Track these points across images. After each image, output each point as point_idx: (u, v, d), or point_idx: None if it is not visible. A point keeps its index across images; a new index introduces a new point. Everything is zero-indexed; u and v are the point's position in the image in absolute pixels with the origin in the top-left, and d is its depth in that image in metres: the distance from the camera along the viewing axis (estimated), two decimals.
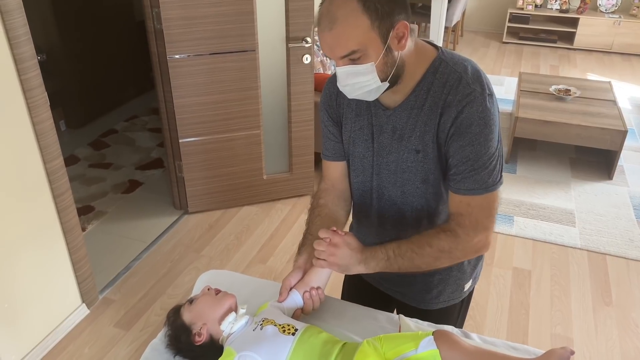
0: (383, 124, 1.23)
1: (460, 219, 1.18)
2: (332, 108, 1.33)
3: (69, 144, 4.06)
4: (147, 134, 4.28)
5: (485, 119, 1.11)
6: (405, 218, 1.31)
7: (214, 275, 1.47)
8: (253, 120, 3.07)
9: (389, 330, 1.27)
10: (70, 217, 2.33)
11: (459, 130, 1.13)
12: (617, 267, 2.86)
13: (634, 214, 3.29)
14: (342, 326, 1.27)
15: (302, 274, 1.29)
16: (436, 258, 1.19)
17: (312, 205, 1.40)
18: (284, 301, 1.24)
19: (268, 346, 1.09)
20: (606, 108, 3.83)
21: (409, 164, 1.22)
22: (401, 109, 1.20)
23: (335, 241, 1.19)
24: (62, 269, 2.36)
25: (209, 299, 1.21)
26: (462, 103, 1.12)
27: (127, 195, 3.46)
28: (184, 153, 3.04)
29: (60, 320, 2.39)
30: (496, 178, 1.16)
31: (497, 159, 1.16)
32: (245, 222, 3.19)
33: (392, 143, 1.23)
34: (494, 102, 1.14)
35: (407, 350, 1.07)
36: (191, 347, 1.17)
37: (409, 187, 1.26)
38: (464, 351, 1.06)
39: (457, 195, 1.18)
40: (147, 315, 2.52)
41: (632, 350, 2.36)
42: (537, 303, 2.61)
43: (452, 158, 1.16)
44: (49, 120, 2.14)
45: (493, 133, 1.13)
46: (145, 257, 2.91)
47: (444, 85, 1.14)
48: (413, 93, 1.17)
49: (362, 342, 1.12)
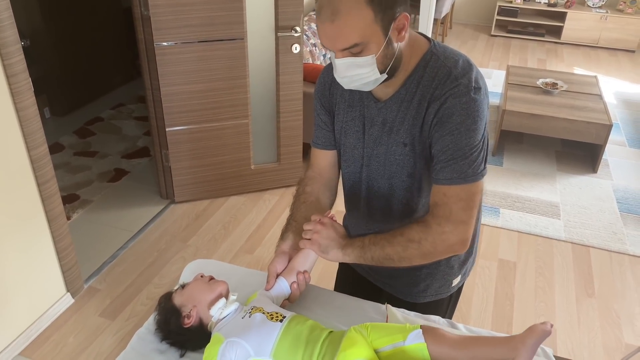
0: (374, 116, 1.23)
1: (435, 209, 1.15)
2: (325, 97, 1.33)
3: (54, 131, 4.00)
4: (133, 122, 4.23)
5: (469, 110, 1.09)
6: (392, 210, 1.31)
7: (201, 265, 1.46)
8: (241, 109, 3.05)
9: (377, 320, 1.28)
10: (54, 206, 2.30)
11: (440, 120, 1.12)
12: (600, 259, 2.90)
13: (617, 207, 3.34)
14: (329, 316, 1.27)
15: (287, 259, 1.30)
16: (405, 247, 1.14)
17: (298, 192, 1.39)
18: (271, 289, 1.24)
19: (256, 333, 1.09)
20: (592, 102, 3.87)
21: (397, 157, 1.22)
22: (392, 101, 1.19)
23: (324, 220, 1.20)
24: (47, 258, 2.33)
25: (201, 284, 1.21)
26: (447, 95, 1.11)
27: (113, 184, 3.43)
28: (171, 142, 3.02)
29: (44, 310, 2.37)
30: (477, 169, 1.12)
31: (480, 151, 1.12)
32: (233, 212, 3.17)
33: (382, 135, 1.23)
34: (481, 96, 1.11)
35: (395, 341, 1.08)
36: (180, 330, 1.18)
37: (396, 180, 1.26)
38: (450, 342, 1.07)
39: (436, 185, 1.16)
40: (133, 305, 2.50)
41: (614, 341, 2.40)
42: (522, 294, 2.64)
43: (434, 149, 1.15)
44: (33, 106, 2.11)
45: (476, 124, 1.10)
46: (131, 247, 2.88)
47: (432, 79, 1.13)
48: (404, 86, 1.17)
49: (348, 329, 1.13)
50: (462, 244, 1.15)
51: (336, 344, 1.08)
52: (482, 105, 1.12)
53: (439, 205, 1.14)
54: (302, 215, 1.31)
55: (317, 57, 3.83)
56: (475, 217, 1.16)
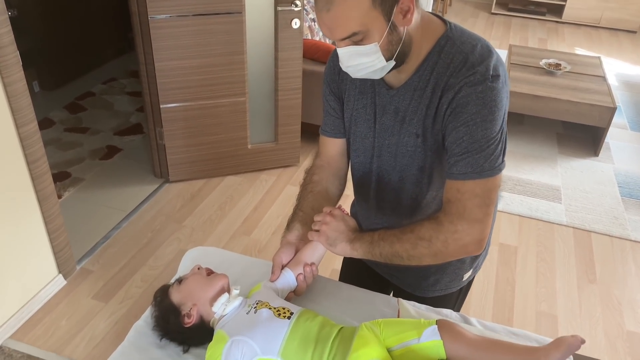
0: (386, 104, 1.15)
1: (447, 206, 1.06)
2: (334, 82, 1.24)
3: (43, 106, 3.88)
4: (125, 97, 4.11)
5: (485, 99, 1.01)
6: (402, 205, 1.25)
7: (200, 253, 1.39)
8: (238, 86, 2.95)
9: (386, 313, 1.22)
10: (45, 185, 2.21)
11: (454, 110, 1.03)
12: (601, 245, 2.87)
13: (618, 192, 3.30)
14: (337, 309, 1.22)
15: (293, 250, 1.23)
16: (414, 245, 1.07)
17: (305, 181, 1.32)
18: (276, 280, 1.18)
19: (263, 331, 1.03)
20: (595, 84, 3.80)
21: (408, 149, 1.15)
22: (404, 89, 1.11)
23: (334, 212, 1.14)
24: (37, 239, 2.26)
25: (199, 278, 1.14)
26: (461, 84, 1.02)
27: (105, 161, 3.33)
28: (165, 119, 2.92)
29: (35, 292, 2.30)
30: (494, 163, 1.03)
31: (498, 143, 1.03)
32: (229, 192, 3.10)
33: (395, 125, 1.15)
34: (500, 84, 1.02)
35: (409, 339, 1.02)
36: (180, 329, 1.11)
37: (407, 173, 1.19)
38: (469, 342, 1.01)
39: (449, 181, 1.07)
40: (127, 287, 2.44)
41: (615, 327, 2.37)
42: (523, 280, 2.61)
43: (447, 141, 1.07)
44: (22, 81, 2.00)
45: (493, 114, 1.01)
46: (124, 227, 2.81)
47: (447, 66, 1.04)
48: (417, 73, 1.08)
49: (360, 326, 1.07)
50: (477, 244, 1.06)
51: (347, 342, 1.02)
52: (500, 94, 1.02)
53: (452, 202, 1.06)
54: (309, 205, 1.24)
55: (316, 33, 3.71)
56: (492, 215, 1.07)
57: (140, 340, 1.13)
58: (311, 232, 1.17)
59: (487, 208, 1.04)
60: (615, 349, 2.27)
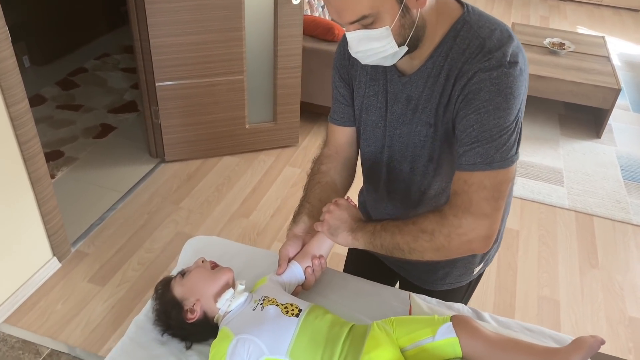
0: (398, 91, 1.08)
1: (453, 199, 0.99)
2: (344, 68, 1.17)
3: (34, 82, 3.76)
4: (119, 74, 4.00)
5: (500, 85, 0.93)
6: (411, 197, 1.19)
7: (202, 242, 1.34)
8: (236, 64, 2.86)
9: (396, 308, 1.18)
10: (38, 167, 2.14)
11: (466, 97, 0.96)
12: (603, 229, 2.84)
13: (621, 175, 3.26)
14: (346, 303, 1.17)
15: (300, 243, 1.18)
16: (415, 238, 1.01)
17: (313, 171, 1.26)
18: (283, 273, 1.13)
19: (270, 329, 0.98)
20: (599, 64, 3.73)
21: (421, 139, 1.09)
22: (417, 76, 1.04)
23: (339, 201, 1.09)
24: (31, 221, 2.19)
25: (203, 272, 1.08)
26: (475, 69, 0.95)
27: (99, 140, 3.25)
28: (161, 98, 2.83)
29: (29, 275, 2.25)
30: (506, 154, 0.95)
31: (511, 133, 0.96)
32: (226, 173, 3.03)
33: (406, 114, 1.09)
34: (517, 71, 0.95)
35: (423, 337, 0.98)
36: (182, 324, 1.06)
37: (420, 164, 1.13)
38: (485, 339, 0.97)
39: (457, 172, 1.00)
40: (124, 270, 2.39)
41: (617, 313, 2.36)
42: (525, 264, 2.58)
43: (457, 130, 1.00)
44: (11, 58, 1.92)
45: (508, 102, 0.94)
46: (119, 208, 2.75)
47: (463, 52, 0.97)
48: (430, 59, 1.02)
49: (371, 325, 1.03)
50: (483, 241, 0.98)
51: (358, 343, 0.98)
52: (517, 82, 0.95)
53: (458, 194, 0.98)
54: (317, 197, 1.19)
55: (316, 9, 3.60)
56: (503, 209, 0.99)
57: (141, 337, 1.08)
58: (317, 223, 1.12)
59: (495, 202, 0.96)
60: (617, 335, 2.25)
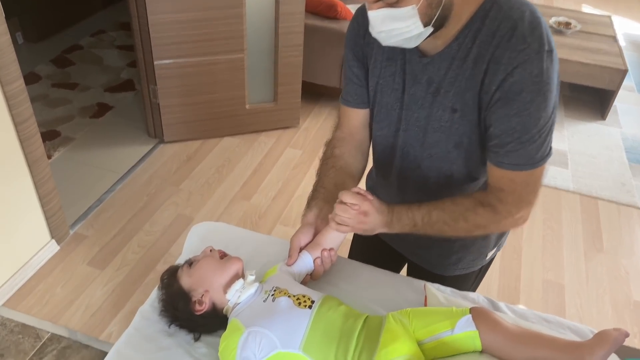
0: (417, 72, 1.03)
1: (502, 195, 1.03)
2: (358, 46, 1.11)
3: (28, 59, 3.67)
4: (115, 51, 3.91)
5: (540, 84, 0.92)
6: (428, 185, 1.15)
7: (208, 229, 1.29)
8: (236, 42, 2.79)
9: (410, 297, 1.14)
10: (35, 148, 2.08)
11: (506, 96, 0.94)
12: (608, 212, 2.82)
13: (626, 157, 3.23)
14: (358, 293, 1.14)
15: (313, 231, 1.14)
16: (468, 231, 1.07)
17: (326, 155, 1.21)
18: (293, 264, 1.09)
19: (282, 322, 0.95)
20: (606, 44, 3.66)
21: (442, 124, 1.04)
22: (441, 57, 0.99)
23: (364, 209, 1.01)
24: (28, 203, 2.14)
25: (212, 262, 1.04)
26: (514, 63, 0.91)
27: (97, 120, 3.18)
28: (159, 77, 2.76)
29: (28, 258, 2.20)
30: (545, 152, 0.99)
31: (549, 131, 0.98)
32: (227, 154, 2.98)
33: (426, 97, 1.04)
34: (554, 61, 0.92)
35: (441, 330, 0.94)
36: (190, 316, 1.02)
37: (438, 150, 1.08)
38: (506, 333, 0.94)
39: (499, 169, 1.02)
40: (124, 253, 2.35)
41: (622, 297, 2.35)
42: (530, 248, 2.56)
43: (495, 127, 0.98)
44: (5, 35, 1.84)
45: (547, 101, 0.94)
46: (118, 190, 2.70)
47: (493, 34, 0.93)
48: (456, 40, 0.96)
49: (386, 317, 0.99)
50: (525, 221, 1.08)
51: (374, 336, 0.94)
52: (554, 75, 0.93)
53: (507, 191, 1.02)
54: (332, 182, 1.14)
55: None
56: None
57: (147, 328, 1.04)
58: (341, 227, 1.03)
59: (537, 192, 1.05)
60: (623, 320, 2.24)
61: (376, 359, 0.90)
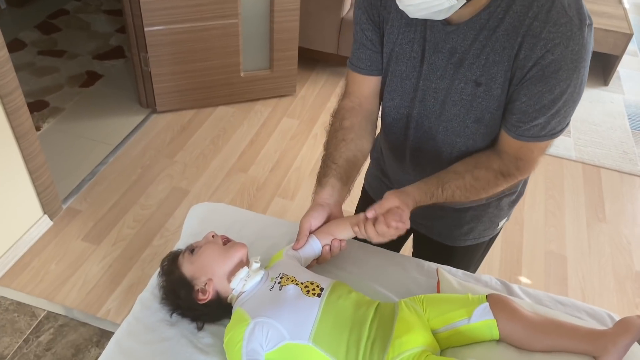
0: (439, 41, 0.95)
1: (520, 164, 1.03)
2: (374, 8, 1.02)
3: (11, 25, 3.52)
4: (103, 16, 3.76)
5: (578, 61, 0.87)
6: (441, 159, 1.09)
7: (207, 209, 1.23)
8: (230, 7, 2.66)
9: (422, 282, 1.10)
10: (22, 121, 2.00)
11: (542, 73, 0.88)
12: (610, 181, 2.78)
13: (628, 124, 3.17)
14: (367, 277, 1.09)
15: (326, 214, 1.05)
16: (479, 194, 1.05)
17: (334, 127, 1.12)
18: (301, 248, 1.03)
19: (290, 311, 0.90)
20: (611, 7, 3.56)
21: (463, 97, 0.98)
22: (467, 27, 0.91)
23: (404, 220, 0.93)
24: (18, 178, 2.07)
25: (215, 249, 0.98)
26: (555, 39, 0.85)
27: (86, 89, 3.07)
28: (150, 44, 2.65)
29: (20, 234, 2.15)
30: (564, 123, 0.97)
31: (573, 102, 0.94)
32: (222, 124, 2.89)
33: (447, 67, 0.97)
34: (592, 37, 0.87)
35: (458, 319, 0.90)
36: (193, 305, 0.97)
37: (455, 124, 1.02)
38: (525, 322, 0.90)
39: (519, 141, 0.99)
40: (119, 228, 2.30)
41: (624, 268, 2.33)
42: (531, 218, 2.53)
43: (522, 102, 0.93)
44: None
45: (581, 77, 0.90)
46: (111, 162, 2.62)
47: (530, 4, 0.86)
48: (486, 9, 0.89)
49: (398, 304, 0.95)
50: None
51: (387, 326, 0.90)
52: (590, 48, 0.88)
53: (524, 160, 1.02)
54: (343, 157, 1.07)
55: None
56: None
57: (148, 317, 0.99)
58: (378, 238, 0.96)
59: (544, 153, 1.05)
60: (625, 290, 2.23)
61: (390, 349, 0.86)
